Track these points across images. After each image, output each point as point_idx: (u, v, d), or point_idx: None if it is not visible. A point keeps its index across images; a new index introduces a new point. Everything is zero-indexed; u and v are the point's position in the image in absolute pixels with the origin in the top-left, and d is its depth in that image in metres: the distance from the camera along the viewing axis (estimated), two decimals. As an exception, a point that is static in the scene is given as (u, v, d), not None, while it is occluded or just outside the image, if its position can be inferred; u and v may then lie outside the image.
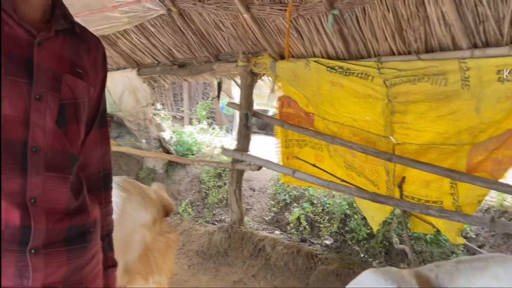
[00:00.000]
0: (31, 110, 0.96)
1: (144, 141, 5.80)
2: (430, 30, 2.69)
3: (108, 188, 1.25)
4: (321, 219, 4.27)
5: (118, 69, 5.25)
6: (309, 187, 4.43)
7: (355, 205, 4.10)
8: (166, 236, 2.43)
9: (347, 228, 4.09)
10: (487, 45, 2.54)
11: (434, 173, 2.81)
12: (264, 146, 6.08)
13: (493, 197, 3.78)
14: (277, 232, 4.47)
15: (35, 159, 0.97)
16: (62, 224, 1.02)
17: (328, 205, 4.34)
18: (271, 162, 3.70)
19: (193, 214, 5.09)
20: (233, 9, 3.43)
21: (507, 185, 2.55)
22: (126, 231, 2.15)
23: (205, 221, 4.90)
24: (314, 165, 3.51)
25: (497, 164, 2.65)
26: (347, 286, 1.54)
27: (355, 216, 4.09)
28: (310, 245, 4.11)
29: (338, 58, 3.25)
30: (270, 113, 7.40)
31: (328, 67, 3.20)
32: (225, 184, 5.18)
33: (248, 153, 3.99)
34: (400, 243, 3.58)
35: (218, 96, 6.59)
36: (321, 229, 4.21)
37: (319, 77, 3.29)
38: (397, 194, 3.16)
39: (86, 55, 1.11)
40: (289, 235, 4.35)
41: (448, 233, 3.14)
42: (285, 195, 4.75)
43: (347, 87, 3.13)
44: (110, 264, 1.24)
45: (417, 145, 2.98)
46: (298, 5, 3.07)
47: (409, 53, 2.86)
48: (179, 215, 5.05)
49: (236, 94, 7.61)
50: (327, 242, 4.10)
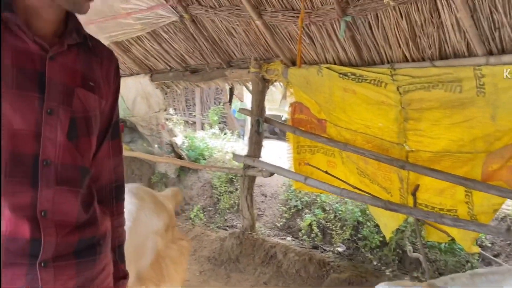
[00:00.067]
0: (43, 124, 0.96)
1: (156, 146, 5.84)
2: (444, 36, 2.66)
3: (120, 200, 1.25)
4: (333, 226, 4.24)
5: (131, 74, 5.30)
6: (321, 193, 4.41)
7: (368, 212, 4.06)
8: (179, 243, 2.44)
9: (359, 235, 4.05)
10: (502, 52, 2.50)
11: (448, 181, 2.77)
12: (276, 152, 6.05)
13: (509, 206, 3.71)
14: (288, 238, 4.44)
15: (46, 172, 0.97)
16: (72, 237, 1.02)
17: (340, 212, 4.30)
18: (282, 168, 3.69)
19: (205, 220, 5.10)
20: (245, 15, 3.44)
21: (523, 194, 2.51)
22: (139, 238, 2.16)
23: (217, 227, 4.90)
24: (326, 172, 3.49)
25: (514, 173, 2.61)
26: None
27: (368, 223, 4.04)
28: (322, 252, 4.07)
29: (350, 65, 3.23)
30: (283, 118, 7.39)
31: (340, 73, 3.19)
32: (236, 189, 5.18)
33: (260, 159, 3.98)
34: (414, 252, 3.53)
35: (230, 101, 6.61)
36: (333, 236, 4.18)
37: (331, 84, 3.27)
38: (410, 202, 3.12)
39: (98, 68, 1.11)
40: (301, 242, 4.33)
41: (463, 242, 3.08)
42: (296, 201, 4.73)
43: (360, 93, 3.11)
44: (121, 275, 1.24)
45: (431, 152, 2.94)
46: (311, 12, 3.06)
47: (423, 59, 2.83)
48: (190, 220, 5.07)
49: (248, 98, 7.61)
50: (340, 249, 4.06)
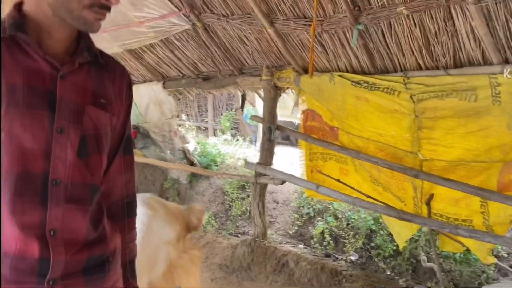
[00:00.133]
0: (53, 142, 0.96)
1: (168, 152, 5.88)
2: (458, 44, 2.63)
3: (131, 215, 1.25)
4: (346, 234, 4.21)
5: (144, 81, 5.34)
6: (333, 201, 4.38)
7: (381, 220, 4.01)
8: (190, 253, 2.44)
9: (372, 244, 4.01)
10: (519, 60, 2.47)
11: (463, 191, 2.73)
12: (288, 158, 6.04)
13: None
14: (300, 246, 4.42)
15: (55, 191, 0.97)
16: (81, 255, 1.02)
17: (353, 220, 4.26)
18: (294, 176, 3.67)
19: (217, 226, 5.10)
20: (257, 24, 3.44)
21: (541, 205, 2.45)
22: (151, 248, 2.17)
23: (228, 233, 4.89)
24: (338, 181, 3.47)
25: (531, 183, 2.56)
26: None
27: (381, 232, 3.99)
28: (334, 260, 4.03)
29: (363, 72, 3.21)
30: (295, 124, 7.37)
31: (353, 81, 3.17)
32: (248, 196, 5.17)
33: (272, 166, 3.96)
34: (428, 261, 3.48)
35: (242, 108, 6.63)
36: (345, 244, 4.14)
37: (343, 92, 3.25)
38: (424, 211, 3.08)
39: (111, 85, 1.11)
40: (313, 250, 4.29)
41: (478, 252, 3.03)
42: (309, 208, 4.70)
43: (373, 101, 3.08)
44: None
45: (445, 161, 2.90)
46: (323, 20, 3.05)
47: (437, 68, 2.80)
48: (202, 227, 5.07)
49: (260, 103, 7.61)
50: (352, 258, 4.02)
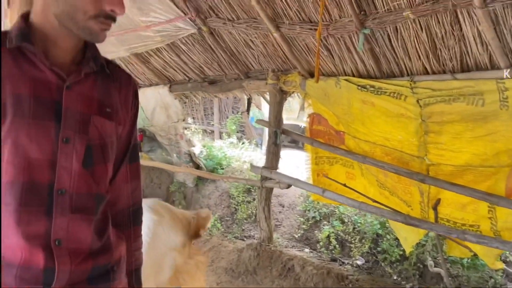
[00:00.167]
0: (58, 152, 0.96)
1: (175, 155, 5.89)
2: (465, 49, 2.61)
3: (137, 224, 1.25)
4: (352, 239, 4.19)
5: (150, 85, 5.37)
6: (339, 205, 4.36)
7: (387, 224, 3.99)
8: (195, 259, 2.44)
9: (379, 249, 3.99)
10: (527, 64, 2.44)
11: (470, 196, 2.71)
12: (294, 161, 6.04)
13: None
14: (306, 250, 4.40)
15: (60, 201, 0.97)
16: (86, 265, 1.02)
17: (359, 224, 4.25)
18: (300, 180, 3.66)
19: (222, 230, 5.10)
20: (263, 28, 3.45)
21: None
22: (157, 254, 2.17)
23: (234, 237, 4.89)
24: (344, 185, 3.45)
25: (539, 188, 2.54)
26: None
27: (388, 236, 3.97)
28: (340, 265, 4.02)
29: (369, 77, 3.20)
30: (301, 128, 7.36)
31: (359, 85, 3.15)
32: (254, 199, 5.17)
33: (277, 170, 3.96)
34: (435, 266, 3.45)
35: (248, 111, 6.63)
36: (352, 248, 4.12)
37: (349, 96, 3.25)
38: (431, 216, 3.06)
39: (117, 94, 1.11)
40: (319, 254, 4.28)
41: (486, 257, 3.00)
42: (315, 212, 4.69)
43: (379, 106, 3.07)
44: None
45: (452, 166, 2.88)
46: (329, 24, 3.04)
47: (444, 72, 2.78)
48: (208, 230, 5.07)
49: (266, 106, 7.62)
50: (359, 262, 4.00)
